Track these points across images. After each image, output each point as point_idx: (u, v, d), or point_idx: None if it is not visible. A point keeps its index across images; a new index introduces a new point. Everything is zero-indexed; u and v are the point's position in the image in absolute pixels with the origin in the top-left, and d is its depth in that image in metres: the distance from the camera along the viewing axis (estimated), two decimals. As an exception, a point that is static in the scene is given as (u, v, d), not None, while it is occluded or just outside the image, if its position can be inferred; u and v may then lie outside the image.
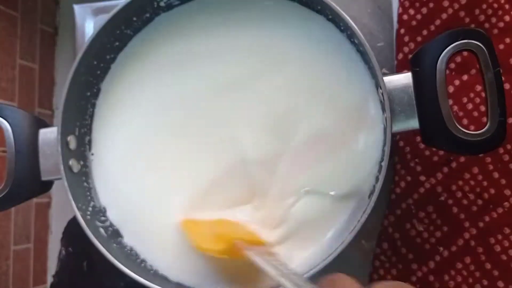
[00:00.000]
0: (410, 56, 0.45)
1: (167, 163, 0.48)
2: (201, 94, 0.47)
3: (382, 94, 0.39)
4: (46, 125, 0.47)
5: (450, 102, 0.50)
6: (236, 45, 0.47)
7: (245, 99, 0.46)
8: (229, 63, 0.47)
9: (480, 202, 0.50)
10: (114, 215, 0.48)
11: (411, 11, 0.52)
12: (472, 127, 0.50)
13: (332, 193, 0.43)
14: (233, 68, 0.47)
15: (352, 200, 0.43)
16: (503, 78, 0.38)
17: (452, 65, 0.51)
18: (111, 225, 0.47)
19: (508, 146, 0.50)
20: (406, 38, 0.53)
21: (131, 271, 0.42)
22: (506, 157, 0.50)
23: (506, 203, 0.49)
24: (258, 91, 0.46)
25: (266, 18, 0.47)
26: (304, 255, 0.43)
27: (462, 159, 0.50)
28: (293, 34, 0.46)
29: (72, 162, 0.46)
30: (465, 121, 0.51)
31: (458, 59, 0.51)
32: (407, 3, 0.53)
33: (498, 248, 0.49)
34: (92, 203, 0.47)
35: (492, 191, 0.50)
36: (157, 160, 0.48)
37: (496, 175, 0.50)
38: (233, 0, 0.47)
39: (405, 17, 0.53)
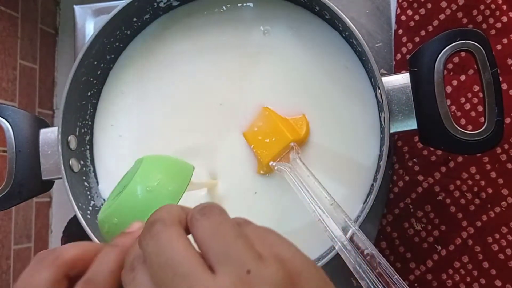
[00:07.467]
0: (408, 56, 0.45)
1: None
2: (199, 90, 0.48)
3: (381, 94, 0.39)
4: (46, 125, 0.47)
5: (448, 102, 0.50)
6: (233, 43, 0.47)
7: (235, 100, 0.47)
8: (226, 61, 0.47)
9: (477, 201, 0.50)
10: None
11: (409, 12, 0.53)
12: (469, 127, 0.50)
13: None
14: (227, 66, 0.47)
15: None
16: (500, 79, 0.38)
17: (450, 66, 0.51)
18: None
19: (506, 146, 0.50)
20: (404, 39, 0.53)
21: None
22: (504, 157, 0.50)
23: (503, 203, 0.50)
24: (250, 90, 0.47)
25: (263, 18, 0.47)
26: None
27: (460, 158, 0.51)
28: (290, 34, 0.46)
29: (72, 161, 0.46)
30: (462, 121, 0.51)
31: (456, 59, 0.51)
32: (405, 4, 0.53)
33: (495, 247, 0.49)
34: (92, 202, 0.47)
35: (490, 190, 0.50)
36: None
37: (493, 174, 0.50)
38: (230, 2, 0.47)
39: (403, 17, 0.53)
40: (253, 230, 0.23)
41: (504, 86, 0.50)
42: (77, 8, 0.59)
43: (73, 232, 0.63)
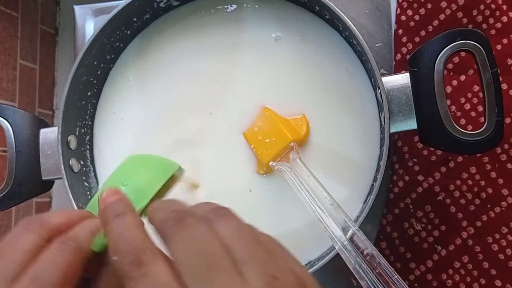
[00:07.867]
0: (408, 56, 0.45)
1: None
2: (199, 90, 0.48)
3: (381, 94, 0.39)
4: (46, 125, 0.47)
5: (448, 102, 0.50)
6: (232, 43, 0.47)
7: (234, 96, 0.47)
8: (227, 61, 0.47)
9: (477, 201, 0.50)
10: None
11: (409, 12, 0.53)
12: (469, 127, 0.50)
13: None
14: (228, 66, 0.47)
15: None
16: (500, 79, 0.38)
17: (450, 65, 0.51)
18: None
19: (506, 146, 0.50)
20: (404, 39, 0.53)
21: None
22: (504, 157, 0.50)
23: (503, 203, 0.50)
24: (250, 90, 0.47)
25: (263, 18, 0.47)
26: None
27: (460, 158, 0.51)
28: (289, 34, 0.46)
29: (72, 161, 0.46)
30: (462, 121, 0.51)
31: (456, 59, 0.51)
32: (405, 4, 0.53)
33: (495, 247, 0.50)
34: (92, 203, 0.47)
35: (490, 190, 0.50)
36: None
37: (493, 174, 0.50)
38: (230, 1, 0.47)
39: (403, 17, 0.53)
40: (262, 237, 0.24)
41: (504, 86, 0.50)
42: (77, 8, 0.59)
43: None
